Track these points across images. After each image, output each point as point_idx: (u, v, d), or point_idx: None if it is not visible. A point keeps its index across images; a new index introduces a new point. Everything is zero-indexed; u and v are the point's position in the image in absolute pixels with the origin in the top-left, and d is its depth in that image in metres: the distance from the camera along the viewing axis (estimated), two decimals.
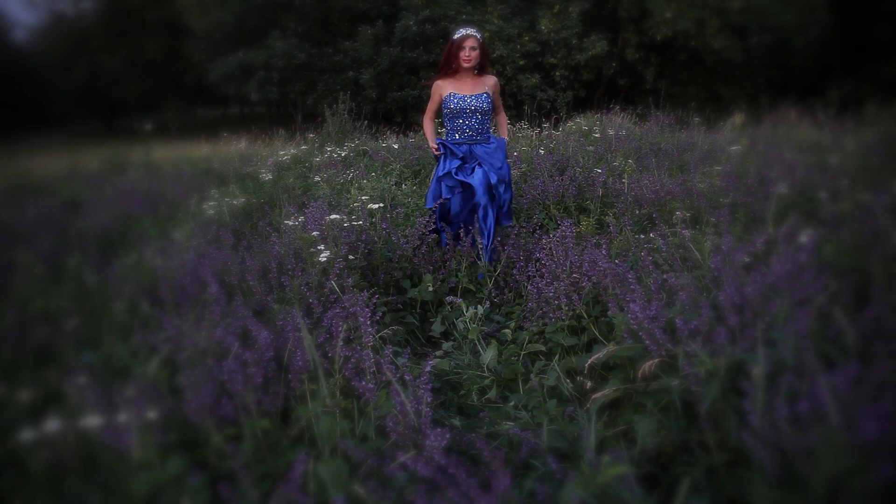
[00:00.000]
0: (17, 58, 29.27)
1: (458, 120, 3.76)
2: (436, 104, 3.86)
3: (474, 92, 3.73)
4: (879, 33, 18.17)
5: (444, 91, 3.75)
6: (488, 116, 3.83)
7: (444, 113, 3.80)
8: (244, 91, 18.17)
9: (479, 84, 3.78)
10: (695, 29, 16.18)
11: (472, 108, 3.71)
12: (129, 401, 1.59)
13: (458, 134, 3.80)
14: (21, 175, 6.32)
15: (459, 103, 3.70)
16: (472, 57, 3.65)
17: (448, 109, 3.76)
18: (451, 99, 3.72)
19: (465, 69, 3.71)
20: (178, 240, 3.31)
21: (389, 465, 1.60)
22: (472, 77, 3.77)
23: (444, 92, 3.76)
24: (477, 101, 3.72)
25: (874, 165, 3.24)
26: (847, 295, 1.83)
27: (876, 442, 1.22)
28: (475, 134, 3.79)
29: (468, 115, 3.74)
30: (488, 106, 3.77)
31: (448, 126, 3.86)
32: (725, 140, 6.14)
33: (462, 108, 3.71)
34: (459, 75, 3.75)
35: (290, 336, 2.03)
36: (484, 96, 3.73)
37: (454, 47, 3.67)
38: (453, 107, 3.72)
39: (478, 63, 3.72)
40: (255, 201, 4.72)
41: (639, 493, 1.41)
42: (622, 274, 2.45)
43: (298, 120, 16.78)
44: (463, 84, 3.75)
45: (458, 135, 3.80)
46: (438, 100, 3.81)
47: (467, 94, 3.71)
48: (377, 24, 16.23)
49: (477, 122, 3.77)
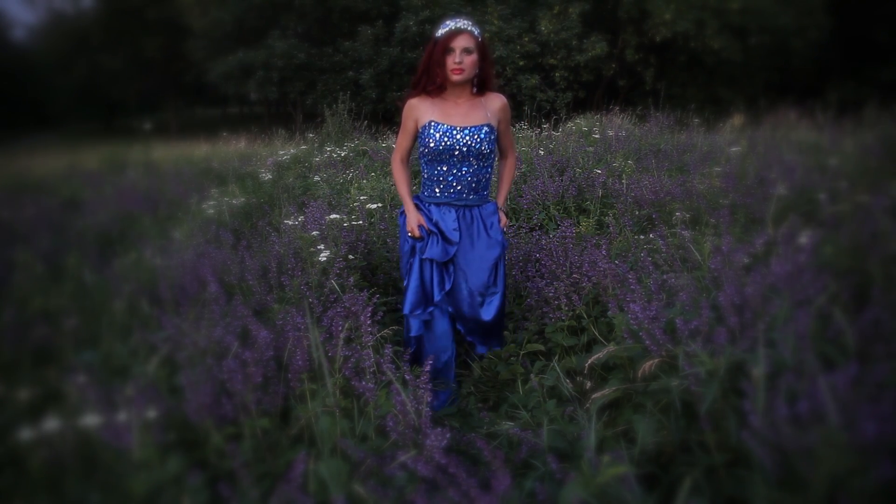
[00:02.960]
0: (16, 57, 29.30)
1: (441, 166, 2.42)
2: (409, 138, 2.50)
3: (468, 122, 2.38)
4: (878, 35, 18.22)
5: (423, 117, 2.41)
6: (489, 162, 2.48)
7: (421, 151, 2.45)
8: (244, 91, 18.17)
9: (477, 109, 2.41)
10: (694, 30, 16.21)
11: (465, 148, 2.37)
12: (129, 400, 1.59)
13: (439, 188, 2.47)
14: (20, 174, 6.33)
15: (445, 139, 2.36)
16: (466, 64, 2.31)
17: (426, 148, 2.40)
18: (433, 131, 2.37)
19: (456, 83, 2.36)
20: (177, 239, 3.31)
21: (389, 464, 1.60)
22: (466, 97, 2.42)
23: (421, 118, 2.41)
24: (472, 138, 2.37)
25: (873, 167, 3.25)
26: (846, 296, 1.84)
27: (875, 442, 1.22)
28: (467, 190, 2.46)
29: (458, 161, 2.40)
30: (490, 146, 2.42)
31: (425, 172, 2.50)
32: (725, 141, 6.15)
33: (449, 147, 2.37)
34: (447, 93, 2.40)
35: (289, 335, 2.03)
36: (484, 130, 2.38)
37: (438, 48, 2.31)
38: (434, 145, 2.37)
39: (475, 74, 2.37)
40: (255, 201, 4.73)
41: (639, 493, 1.41)
42: (622, 274, 2.46)
43: (298, 120, 16.80)
44: (452, 108, 2.41)
45: (438, 189, 2.47)
46: (413, 130, 2.46)
47: (457, 124, 2.37)
48: (377, 24, 16.25)
49: (471, 170, 2.43)
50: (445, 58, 2.31)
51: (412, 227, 2.47)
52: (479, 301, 2.52)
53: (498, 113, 2.46)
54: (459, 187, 2.45)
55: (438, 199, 2.48)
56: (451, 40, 2.28)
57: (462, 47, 2.29)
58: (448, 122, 2.37)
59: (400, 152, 2.54)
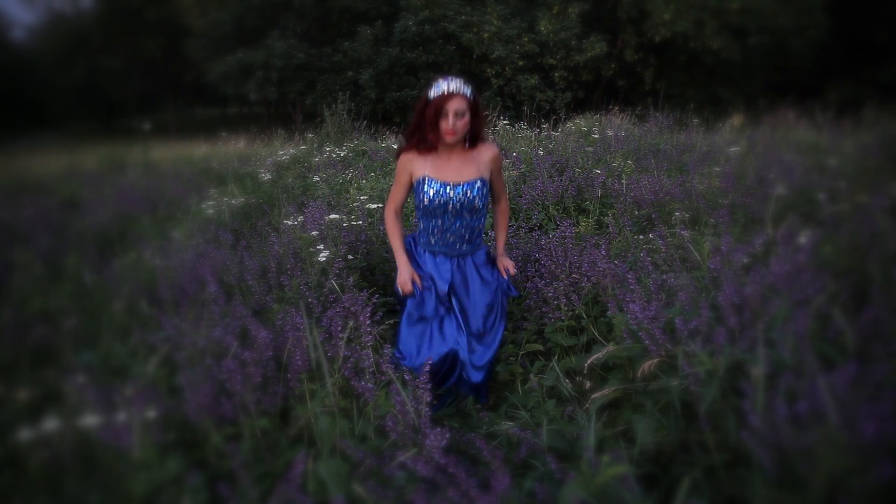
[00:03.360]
0: (15, 57, 29.29)
1: (436, 220, 2.48)
2: (403, 191, 2.53)
3: (462, 178, 2.43)
4: (877, 35, 18.24)
5: (417, 171, 2.46)
6: (483, 213, 2.53)
7: (416, 205, 2.53)
8: (243, 91, 18.18)
9: (469, 164, 2.45)
10: (693, 30, 16.23)
11: (458, 204, 2.43)
12: (128, 400, 1.59)
13: (434, 238, 2.53)
14: (19, 174, 6.33)
15: (439, 196, 2.41)
16: (459, 127, 2.33)
17: (421, 203, 2.47)
18: (427, 188, 2.43)
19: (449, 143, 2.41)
20: (176, 239, 3.31)
21: (389, 464, 1.60)
22: (459, 151, 2.45)
23: (415, 172, 2.46)
24: (465, 195, 2.42)
25: (872, 167, 3.25)
26: (846, 295, 1.84)
27: (875, 442, 1.22)
28: (460, 242, 2.52)
29: (452, 216, 2.45)
30: (483, 200, 2.47)
31: (421, 223, 2.57)
32: (724, 141, 6.15)
33: (443, 203, 2.42)
34: (440, 148, 2.45)
35: (289, 336, 2.03)
36: (477, 185, 2.43)
37: (431, 109, 2.33)
38: (428, 202, 2.44)
39: (468, 133, 2.40)
40: (254, 201, 4.73)
41: (638, 493, 1.41)
42: (621, 274, 2.46)
43: (297, 120, 16.80)
44: (445, 163, 2.44)
45: (433, 239, 2.53)
46: (407, 183, 2.51)
47: (451, 181, 2.42)
48: (376, 25, 16.26)
49: (464, 224, 2.48)
50: (438, 120, 2.34)
51: (404, 281, 2.48)
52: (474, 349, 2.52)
53: (490, 164, 2.50)
54: (452, 239, 2.52)
55: (434, 247, 2.56)
56: (444, 103, 2.31)
57: (455, 110, 2.32)
58: (441, 179, 2.43)
59: (394, 204, 2.57)
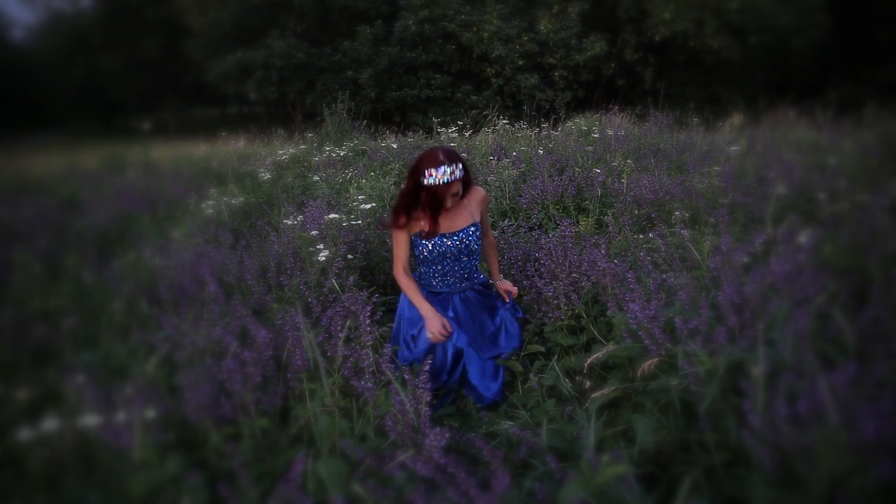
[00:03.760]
0: (15, 56, 29.25)
1: (436, 266, 2.68)
2: (405, 249, 2.64)
3: (456, 227, 2.62)
4: (878, 35, 18.25)
5: (413, 230, 2.63)
6: (477, 253, 2.74)
7: (415, 254, 2.71)
8: (243, 90, 18.16)
9: (461, 213, 2.63)
10: (693, 29, 16.21)
11: (456, 250, 2.62)
12: (128, 400, 1.59)
13: (435, 280, 2.72)
14: (19, 174, 6.33)
15: (437, 248, 2.61)
16: (455, 202, 2.54)
17: (420, 255, 2.67)
18: (425, 241, 2.62)
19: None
20: (176, 239, 3.31)
21: (388, 464, 1.60)
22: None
23: (412, 230, 2.63)
24: (461, 241, 2.62)
25: (872, 166, 3.25)
26: (846, 295, 1.84)
27: (875, 441, 1.22)
28: (459, 281, 2.73)
29: (451, 261, 2.66)
30: (477, 243, 2.67)
31: (420, 268, 2.76)
32: (724, 140, 6.15)
33: (441, 252, 2.62)
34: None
35: (288, 335, 2.03)
36: (472, 230, 2.63)
37: (430, 195, 2.46)
38: (427, 253, 2.63)
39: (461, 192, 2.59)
40: (254, 201, 4.73)
41: (638, 493, 1.41)
42: (621, 274, 2.46)
43: (297, 119, 16.80)
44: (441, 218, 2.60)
45: (435, 282, 2.72)
46: (407, 242, 2.64)
47: (447, 231, 2.60)
48: (376, 24, 16.23)
49: (461, 265, 2.69)
50: (442, 200, 2.47)
51: (438, 330, 2.51)
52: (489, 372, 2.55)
53: (479, 206, 2.71)
54: (453, 280, 2.73)
55: (437, 289, 2.74)
56: (444, 192, 2.44)
57: (452, 193, 2.47)
58: (437, 232, 2.59)
59: (401, 263, 2.65)
